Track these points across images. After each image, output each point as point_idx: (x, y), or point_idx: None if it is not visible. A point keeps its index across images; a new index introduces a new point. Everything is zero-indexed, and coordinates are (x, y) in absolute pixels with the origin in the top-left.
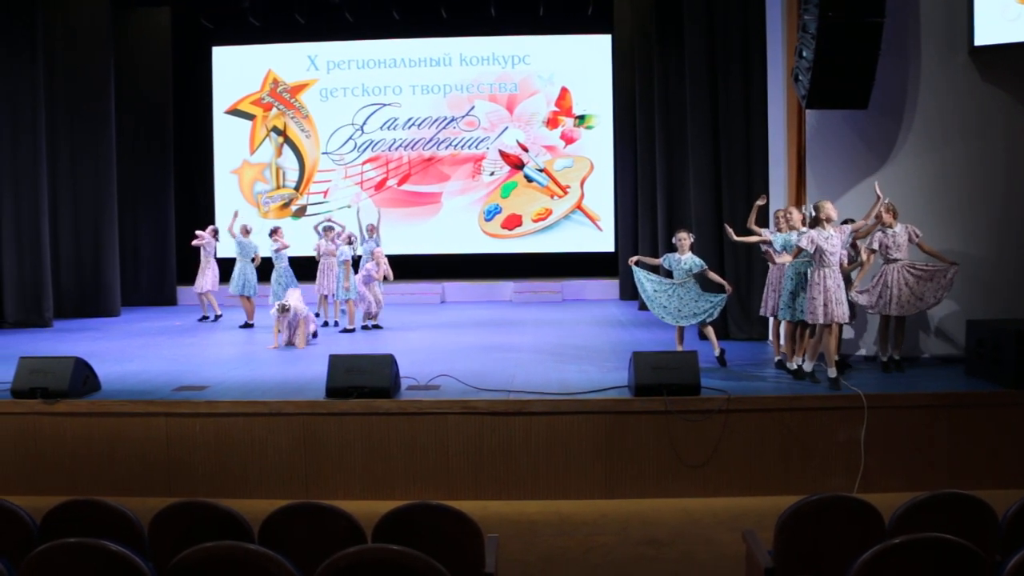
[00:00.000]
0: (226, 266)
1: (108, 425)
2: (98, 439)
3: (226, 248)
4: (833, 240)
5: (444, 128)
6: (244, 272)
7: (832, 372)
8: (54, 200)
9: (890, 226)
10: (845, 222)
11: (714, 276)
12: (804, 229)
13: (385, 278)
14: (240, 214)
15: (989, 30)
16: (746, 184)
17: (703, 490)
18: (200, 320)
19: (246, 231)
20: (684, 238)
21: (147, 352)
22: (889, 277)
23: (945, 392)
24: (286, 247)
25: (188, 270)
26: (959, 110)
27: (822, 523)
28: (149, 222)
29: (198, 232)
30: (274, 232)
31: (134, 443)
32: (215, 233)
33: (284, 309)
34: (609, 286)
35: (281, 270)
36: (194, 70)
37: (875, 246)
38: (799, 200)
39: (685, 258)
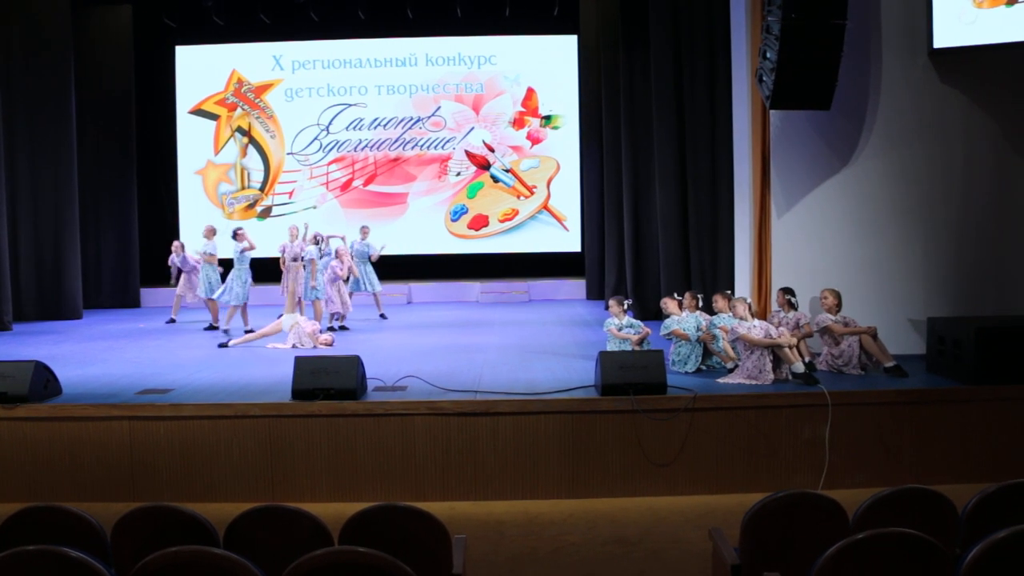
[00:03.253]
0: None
1: (69, 430)
2: (59, 444)
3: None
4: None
5: (410, 128)
6: (208, 275)
7: (800, 366)
8: (13, 202)
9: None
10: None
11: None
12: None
13: (350, 275)
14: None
15: (947, 33)
16: (711, 183)
17: (670, 489)
18: (168, 322)
19: (213, 232)
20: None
21: (110, 355)
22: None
23: (907, 389)
24: (252, 248)
25: (152, 272)
26: (919, 111)
27: (787, 520)
28: (112, 223)
29: (176, 272)
30: (237, 232)
31: (96, 447)
32: (182, 247)
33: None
34: (576, 286)
35: (242, 271)
36: (157, 69)
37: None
38: (764, 199)
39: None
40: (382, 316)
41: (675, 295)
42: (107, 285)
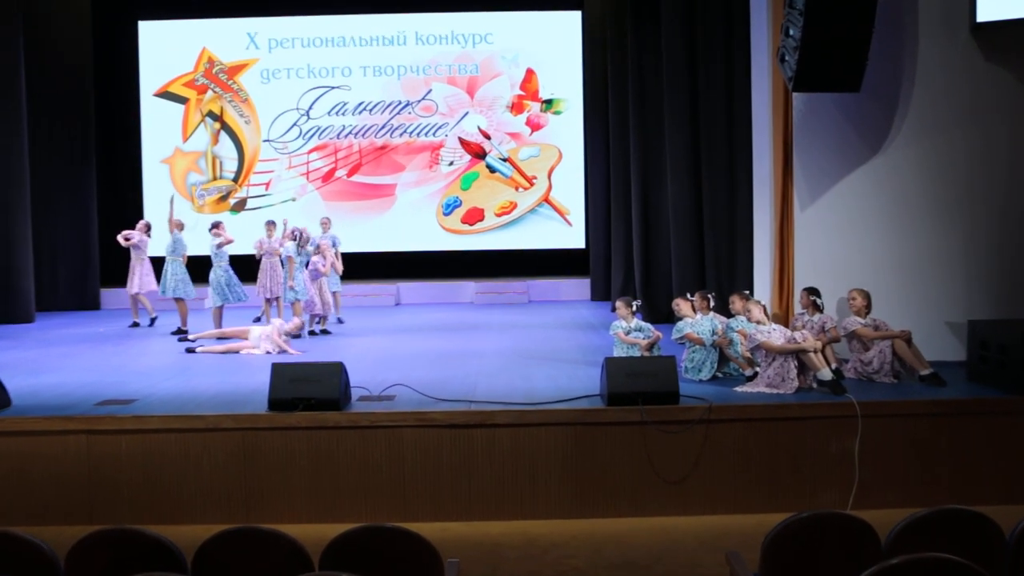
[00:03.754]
0: (156, 265)
1: (20, 445)
2: (7, 462)
3: (156, 246)
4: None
5: (398, 113)
6: (176, 272)
7: (827, 373)
8: None
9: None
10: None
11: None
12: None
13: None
14: (176, 202)
15: (993, 5)
16: (728, 174)
17: (683, 508)
18: (131, 326)
19: (180, 226)
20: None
21: (66, 362)
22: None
23: (945, 399)
24: (230, 242)
25: (113, 271)
26: (960, 93)
27: (813, 543)
28: (69, 218)
29: (126, 233)
30: (215, 226)
31: (50, 465)
32: (147, 228)
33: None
34: (579, 286)
35: (220, 270)
36: (118, 47)
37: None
38: (786, 190)
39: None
40: (338, 320)
41: (688, 295)
42: (63, 285)
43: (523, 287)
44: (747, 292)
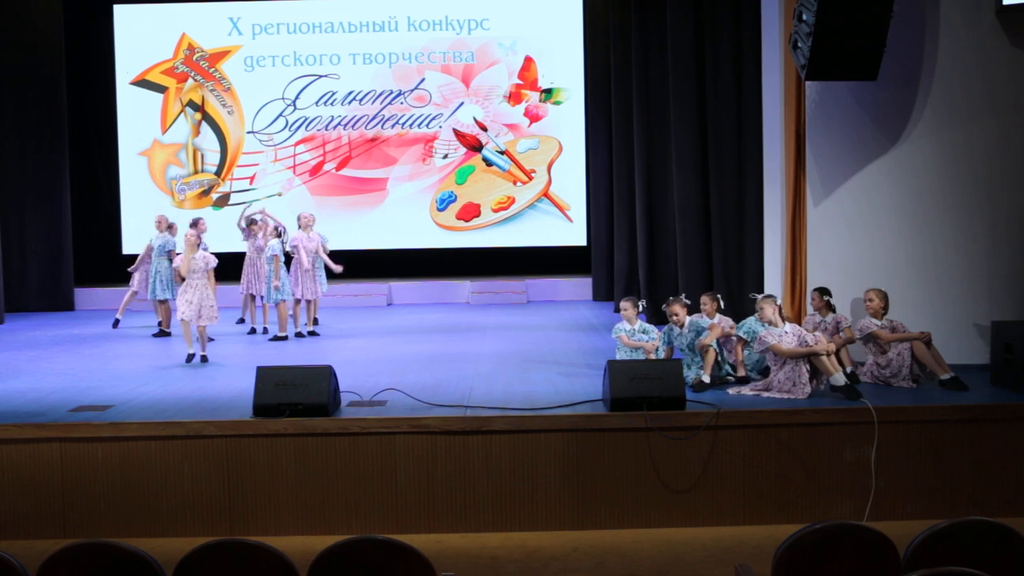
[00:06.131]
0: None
1: None
2: None
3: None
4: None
5: (390, 103)
6: (162, 273)
7: (840, 378)
8: None
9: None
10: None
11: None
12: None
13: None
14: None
15: None
16: (736, 167)
17: (690, 519)
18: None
19: (167, 224)
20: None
21: (38, 366)
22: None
23: (967, 405)
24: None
25: (87, 269)
26: (984, 81)
27: (827, 556)
28: (39, 213)
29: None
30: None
31: (21, 475)
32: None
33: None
34: (580, 285)
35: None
36: (92, 33)
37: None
38: (798, 184)
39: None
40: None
41: (684, 300)
42: (33, 285)
43: (521, 286)
44: (717, 294)
